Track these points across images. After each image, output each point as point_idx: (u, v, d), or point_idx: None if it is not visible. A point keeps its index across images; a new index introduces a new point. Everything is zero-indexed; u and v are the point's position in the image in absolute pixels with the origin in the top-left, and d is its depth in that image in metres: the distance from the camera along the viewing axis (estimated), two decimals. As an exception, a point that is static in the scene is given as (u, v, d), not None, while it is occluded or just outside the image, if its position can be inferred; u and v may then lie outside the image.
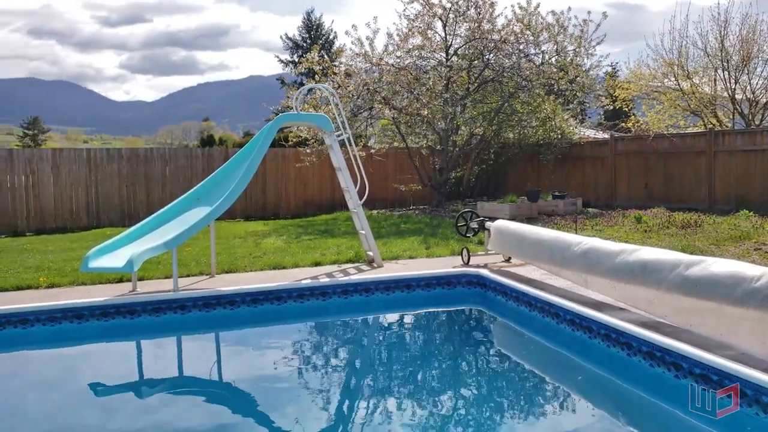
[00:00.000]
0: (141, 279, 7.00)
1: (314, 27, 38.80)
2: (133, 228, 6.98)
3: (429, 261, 7.99)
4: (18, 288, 6.79)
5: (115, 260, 6.13)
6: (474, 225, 8.23)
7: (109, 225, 14.19)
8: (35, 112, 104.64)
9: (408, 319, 6.75)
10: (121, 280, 6.99)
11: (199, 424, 4.12)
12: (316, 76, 14.68)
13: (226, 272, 7.50)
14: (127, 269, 5.90)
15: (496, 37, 14.57)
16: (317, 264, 7.84)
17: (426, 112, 14.11)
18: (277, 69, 38.31)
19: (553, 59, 15.80)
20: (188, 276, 7.28)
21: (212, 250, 7.49)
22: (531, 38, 14.99)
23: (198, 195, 7.42)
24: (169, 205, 7.33)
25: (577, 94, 16.64)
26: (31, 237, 12.76)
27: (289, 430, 3.96)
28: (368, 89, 14.15)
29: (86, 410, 4.41)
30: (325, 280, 6.81)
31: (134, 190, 14.93)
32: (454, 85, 14.93)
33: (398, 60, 14.71)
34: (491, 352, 5.77)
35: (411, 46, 14.75)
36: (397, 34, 14.77)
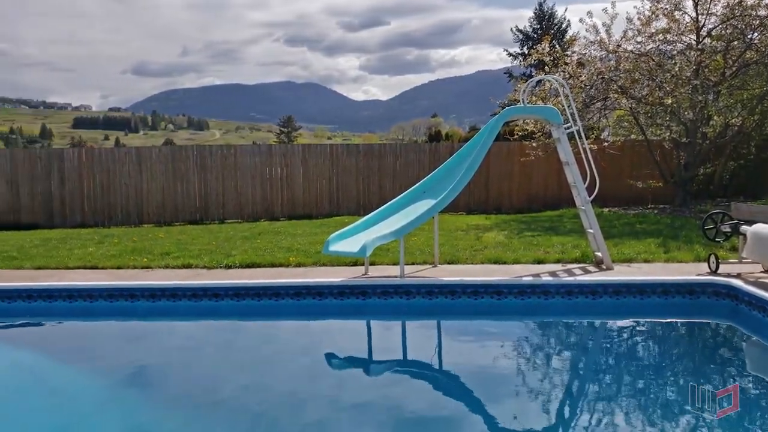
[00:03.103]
0: (372, 264, 7.53)
1: (546, 17, 37.57)
2: (366, 217, 7.54)
3: (668, 266, 7.24)
4: (272, 265, 7.81)
5: (351, 246, 6.68)
6: (726, 228, 7.21)
7: (346, 213, 15.54)
8: (289, 111, 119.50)
9: (640, 327, 6.20)
10: (355, 264, 7.60)
11: (418, 406, 4.30)
12: (546, 67, 14.20)
13: (448, 263, 7.69)
14: (361, 254, 6.41)
15: (762, 12, 12.51)
16: (539, 262, 7.61)
17: (670, 101, 12.73)
18: (505, 63, 38.01)
19: None
20: (413, 264, 7.63)
21: (435, 241, 7.73)
22: (812, 10, 12.57)
23: (424, 188, 7.72)
24: (398, 197, 7.76)
25: None
26: (284, 222, 14.58)
27: (502, 425, 3.92)
28: (603, 78, 13.26)
29: (322, 379, 4.89)
30: (547, 278, 6.58)
31: (368, 182, 16.13)
32: (706, 70, 13.21)
33: (638, 46, 13.51)
34: (743, 374, 5.01)
35: (654, 30, 13.41)
36: (638, 18, 13.55)
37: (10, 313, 6.51)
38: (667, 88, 12.71)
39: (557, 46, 14.63)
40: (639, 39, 13.53)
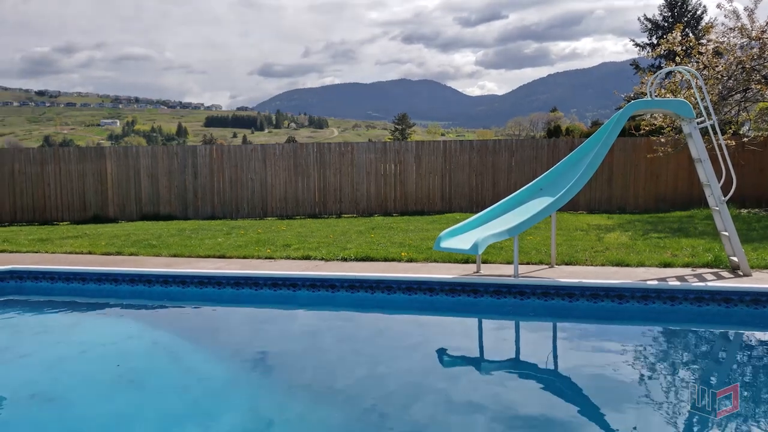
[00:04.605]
0: (484, 262, 7.45)
1: (678, 4, 35.09)
2: (479, 214, 7.46)
3: (817, 274, 6.51)
4: (385, 259, 7.96)
5: (463, 243, 6.65)
6: None
7: (458, 210, 15.48)
8: (404, 109, 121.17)
9: (782, 341, 5.63)
10: (466, 261, 7.56)
11: (528, 408, 4.20)
12: (677, 57, 13.25)
13: (566, 264, 7.43)
14: (473, 252, 6.36)
15: None
16: (666, 265, 7.14)
17: (825, 92, 11.43)
18: (631, 54, 36.01)
19: None
20: (528, 263, 7.45)
21: (552, 240, 7.49)
22: None
23: (541, 185, 7.50)
24: (513, 194, 7.60)
25: None
26: (396, 217, 14.79)
27: (623, 437, 3.73)
28: (743, 68, 12.15)
29: (432, 374, 4.93)
30: (674, 283, 6.17)
31: (482, 179, 15.95)
32: None
33: (788, 31, 12.22)
34: None
35: (808, 12, 12.09)
36: (789, 0, 12.27)
37: (150, 297, 7.17)
38: (822, 77, 11.42)
39: (690, 34, 13.61)
40: (789, 23, 12.24)
